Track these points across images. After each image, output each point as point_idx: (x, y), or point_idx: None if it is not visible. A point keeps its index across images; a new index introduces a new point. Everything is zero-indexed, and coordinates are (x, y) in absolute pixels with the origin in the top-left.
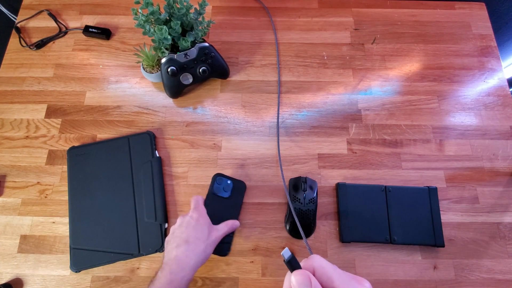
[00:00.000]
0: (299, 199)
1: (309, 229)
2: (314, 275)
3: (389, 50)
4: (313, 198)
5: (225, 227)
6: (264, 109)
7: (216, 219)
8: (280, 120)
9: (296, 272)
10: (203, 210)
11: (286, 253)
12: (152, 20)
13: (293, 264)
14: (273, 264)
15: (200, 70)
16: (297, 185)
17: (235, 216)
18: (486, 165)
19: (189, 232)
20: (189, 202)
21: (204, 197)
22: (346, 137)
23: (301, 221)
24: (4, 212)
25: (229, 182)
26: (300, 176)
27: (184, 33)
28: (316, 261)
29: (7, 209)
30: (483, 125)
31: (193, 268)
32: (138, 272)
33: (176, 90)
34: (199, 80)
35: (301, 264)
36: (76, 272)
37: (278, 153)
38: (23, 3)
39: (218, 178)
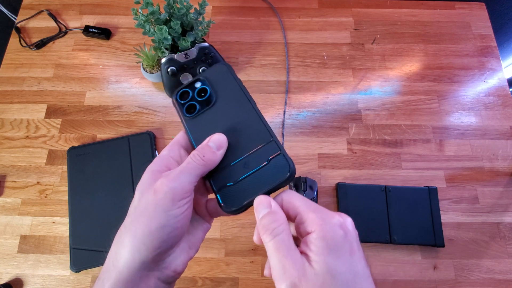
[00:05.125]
0: None
1: None
2: (282, 206)
3: (389, 50)
4: (313, 198)
5: (186, 165)
6: (264, 109)
7: (232, 148)
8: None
9: (258, 196)
10: (167, 154)
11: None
12: (152, 20)
13: None
14: None
15: (200, 70)
16: (297, 185)
17: (253, 117)
18: (486, 165)
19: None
20: None
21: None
22: (346, 137)
23: None
24: (4, 212)
25: (199, 84)
26: (300, 176)
27: (184, 33)
28: (285, 192)
29: (7, 209)
30: (483, 125)
31: (115, 267)
32: None
33: None
34: None
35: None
36: (76, 272)
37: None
38: (23, 3)
39: (180, 93)
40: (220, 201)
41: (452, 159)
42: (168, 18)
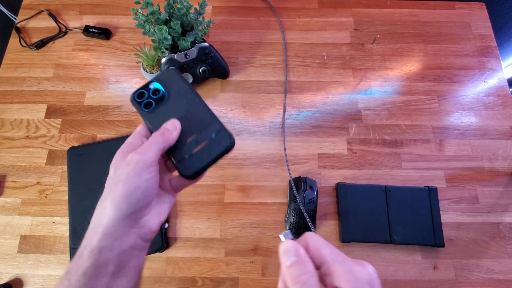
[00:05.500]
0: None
1: (309, 229)
2: (307, 251)
3: (389, 50)
4: (313, 198)
5: (147, 142)
6: (264, 109)
7: (183, 142)
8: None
9: (285, 241)
10: (130, 141)
11: (286, 235)
12: (152, 20)
13: None
14: (273, 264)
15: (200, 70)
16: (297, 185)
17: (200, 106)
18: (486, 165)
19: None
20: (189, 203)
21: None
22: (346, 137)
23: (300, 221)
24: (4, 212)
25: (152, 86)
26: (300, 176)
27: (184, 33)
28: (310, 236)
29: (7, 209)
30: (483, 125)
31: (94, 232)
32: None
33: None
34: (199, 80)
35: (296, 240)
36: None
37: (285, 152)
38: (23, 3)
39: (137, 94)
40: (180, 170)
41: (452, 159)
42: (168, 18)
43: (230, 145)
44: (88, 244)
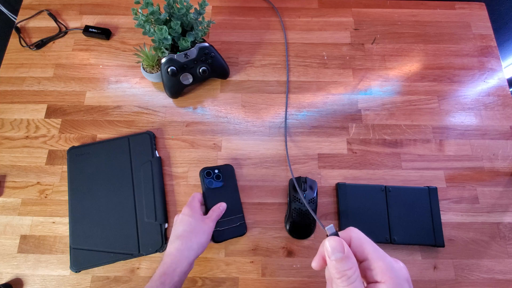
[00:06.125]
0: (299, 199)
1: (309, 229)
2: (350, 245)
3: (389, 50)
4: (313, 198)
5: (213, 213)
6: (264, 109)
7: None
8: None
9: (330, 237)
10: (196, 205)
11: (330, 229)
12: (152, 20)
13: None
14: (273, 264)
15: (200, 70)
16: (298, 185)
17: (237, 199)
18: (486, 165)
19: (180, 228)
20: None
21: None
22: (346, 137)
23: (301, 221)
24: (4, 212)
25: (216, 171)
26: (300, 176)
27: (184, 33)
28: (354, 232)
29: (7, 209)
30: (483, 125)
31: (187, 259)
32: (138, 272)
33: (176, 90)
34: (199, 80)
35: (339, 233)
36: (76, 272)
37: (286, 152)
38: (23, 3)
39: (206, 171)
40: (214, 236)
41: (452, 159)
42: (168, 18)
43: (244, 233)
44: (179, 267)
